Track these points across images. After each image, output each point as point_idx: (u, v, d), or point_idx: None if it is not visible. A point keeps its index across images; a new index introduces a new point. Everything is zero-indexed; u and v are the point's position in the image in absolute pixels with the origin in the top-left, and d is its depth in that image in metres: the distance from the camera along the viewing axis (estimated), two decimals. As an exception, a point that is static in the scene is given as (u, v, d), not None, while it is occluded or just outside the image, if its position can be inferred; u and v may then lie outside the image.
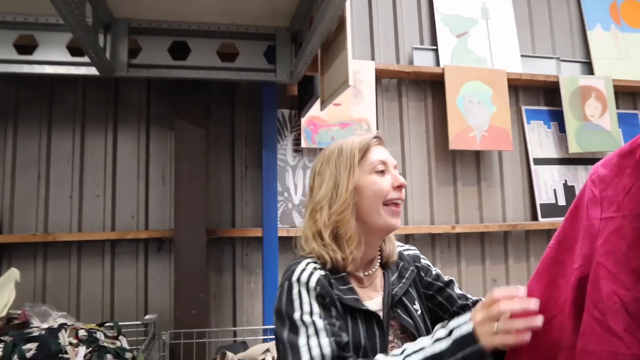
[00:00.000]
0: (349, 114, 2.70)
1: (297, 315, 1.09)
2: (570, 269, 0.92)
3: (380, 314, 1.20)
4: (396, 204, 1.23)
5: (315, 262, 1.19)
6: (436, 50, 3.03)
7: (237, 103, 2.73)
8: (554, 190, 3.13)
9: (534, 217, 3.10)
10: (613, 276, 0.83)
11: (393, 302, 1.24)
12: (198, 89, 2.37)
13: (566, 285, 0.92)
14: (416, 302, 1.30)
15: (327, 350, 1.04)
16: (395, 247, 1.35)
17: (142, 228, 2.57)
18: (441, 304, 1.34)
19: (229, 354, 1.81)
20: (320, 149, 2.70)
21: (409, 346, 1.03)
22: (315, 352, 1.04)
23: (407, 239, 2.86)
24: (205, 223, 2.35)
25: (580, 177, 3.20)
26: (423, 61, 2.99)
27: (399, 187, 1.23)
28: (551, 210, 3.09)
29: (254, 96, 2.70)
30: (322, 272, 1.16)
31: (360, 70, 2.75)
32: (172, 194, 2.56)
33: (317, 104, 2.25)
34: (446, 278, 1.39)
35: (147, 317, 2.19)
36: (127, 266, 2.53)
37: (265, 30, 2.28)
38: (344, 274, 1.20)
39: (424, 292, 1.36)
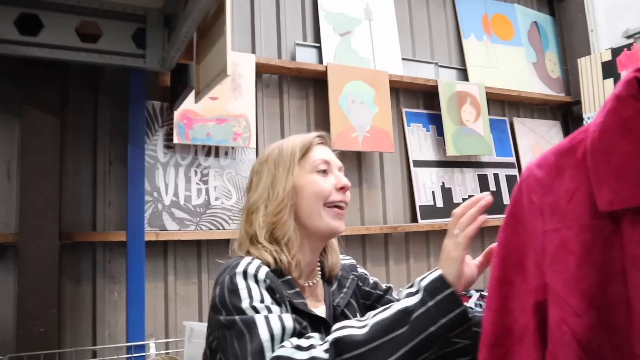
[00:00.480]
0: (226, 109, 2.53)
1: (245, 303, 0.96)
2: (522, 289, 0.77)
3: None
4: (339, 207, 1.16)
5: (258, 258, 1.08)
6: (319, 48, 2.95)
7: (102, 91, 2.44)
8: (432, 192, 3.20)
9: (414, 219, 3.14)
10: (562, 300, 0.69)
11: (336, 314, 1.16)
12: (53, 71, 2.07)
13: (522, 309, 0.76)
14: (357, 314, 1.22)
15: (289, 324, 0.94)
16: (339, 259, 1.27)
17: (-21, 232, 2.19)
18: None
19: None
20: (194, 146, 2.51)
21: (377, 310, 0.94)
22: (276, 325, 0.92)
23: (287, 241, 2.74)
24: (57, 226, 2.06)
25: (456, 179, 3.30)
26: (306, 58, 2.90)
27: (342, 189, 1.17)
28: (430, 211, 3.15)
29: (121, 85, 2.42)
30: (268, 269, 1.05)
31: (240, 63, 2.59)
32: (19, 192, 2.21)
33: (192, 96, 2.06)
34: (384, 285, 1.33)
35: (-18, 337, 1.86)
36: (-42, 277, 2.14)
37: (134, 11, 2.05)
38: (289, 277, 1.11)
39: (363, 303, 1.29)
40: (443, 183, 3.25)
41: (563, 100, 3.91)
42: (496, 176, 3.50)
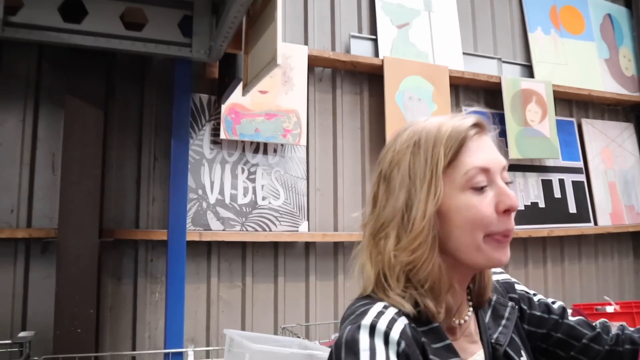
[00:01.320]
0: (276, 104, 2.39)
1: None
2: None
3: None
4: (505, 235, 0.83)
5: (393, 306, 0.80)
6: (375, 40, 2.78)
7: (148, 83, 2.35)
8: (492, 197, 2.97)
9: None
10: None
11: (497, 356, 0.88)
12: (97, 61, 1.99)
13: None
14: (522, 353, 0.92)
15: None
16: (490, 279, 0.95)
17: (23, 225, 2.13)
18: (561, 342, 0.98)
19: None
20: (242, 142, 2.38)
21: None
22: None
23: (336, 246, 2.58)
24: (98, 222, 1.97)
25: (518, 184, 3.06)
26: (361, 51, 2.73)
27: (506, 212, 0.82)
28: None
29: (168, 76, 2.32)
30: (406, 321, 0.78)
31: (292, 55, 2.45)
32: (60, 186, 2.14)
33: (240, 90, 1.93)
34: (556, 305, 1.02)
35: (21, 334, 1.80)
36: (1, 271, 2.09)
37: (181, -3, 1.93)
38: (436, 324, 0.81)
39: (532, 332, 0.99)
40: (504, 188, 3.01)
41: (638, 101, 3.59)
42: (562, 182, 3.24)
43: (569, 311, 1.03)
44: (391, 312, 0.78)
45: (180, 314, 2.05)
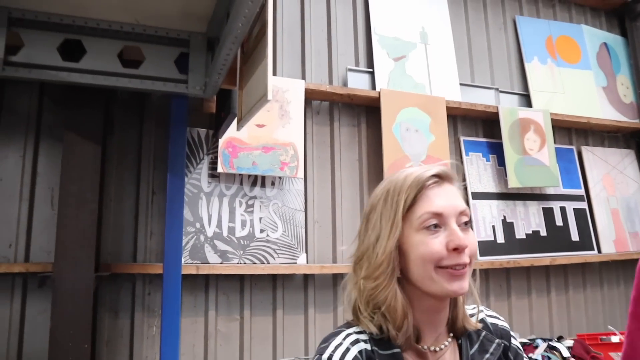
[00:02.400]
0: (273, 137, 2.41)
1: None
2: None
3: None
4: (455, 268, 0.95)
5: (358, 333, 0.97)
6: (372, 73, 2.81)
7: (147, 118, 2.39)
8: (493, 226, 2.95)
9: (471, 255, 2.89)
10: None
11: None
12: (95, 97, 2.02)
13: None
14: None
15: None
16: (463, 310, 1.06)
17: (21, 259, 2.14)
18: None
19: None
20: (240, 175, 2.40)
21: None
22: None
23: (335, 279, 2.57)
24: (94, 256, 1.97)
25: (518, 213, 3.05)
26: (358, 84, 2.76)
27: (455, 250, 0.94)
28: (490, 248, 2.90)
29: (166, 111, 2.36)
30: (365, 346, 0.94)
31: (289, 89, 2.48)
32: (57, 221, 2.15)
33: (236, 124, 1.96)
34: None
35: (16, 371, 1.78)
36: (-2, 306, 2.09)
37: (178, 35, 1.97)
38: (396, 350, 0.95)
39: None
40: (504, 217, 3.00)
41: (637, 127, 3.59)
42: (563, 210, 3.22)
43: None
44: (348, 341, 0.95)
45: (175, 347, 2.02)
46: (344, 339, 0.95)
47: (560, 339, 2.44)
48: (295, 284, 2.49)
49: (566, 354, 2.19)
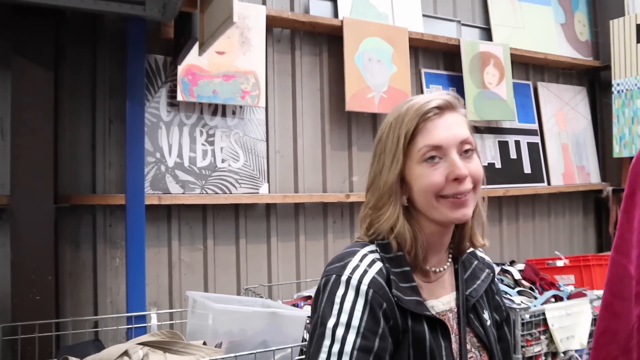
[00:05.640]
0: (234, 65, 2.35)
1: (330, 323, 0.94)
2: (628, 286, 0.68)
3: (445, 317, 1.05)
4: (457, 197, 0.99)
5: (374, 252, 1.03)
6: (335, 1, 2.74)
7: (100, 44, 2.27)
8: (450, 158, 3.02)
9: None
10: None
11: (467, 306, 1.08)
12: (45, 19, 1.90)
13: (626, 311, 0.66)
14: (485, 312, 1.13)
15: None
16: (470, 233, 1.11)
17: (-29, 193, 2.06)
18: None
19: (72, 360, 1.43)
20: (200, 104, 2.35)
21: None
22: None
23: (296, 207, 2.60)
24: (52, 187, 1.92)
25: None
26: (320, 11, 2.70)
27: (456, 180, 0.98)
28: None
29: (122, 36, 2.24)
30: (381, 265, 1.00)
31: (249, 16, 2.40)
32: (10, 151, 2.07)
33: (197, 50, 1.89)
34: (504, 312, 1.22)
35: (-24, 303, 1.75)
36: (-49, 240, 2.03)
37: (132, -49, 1.85)
38: (407, 268, 1.02)
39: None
40: (462, 149, 3.07)
41: (591, 65, 3.69)
42: (517, 143, 3.32)
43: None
44: (365, 263, 0.99)
45: (141, 278, 2.03)
46: (361, 260, 1.00)
47: (512, 263, 2.59)
48: (258, 213, 2.52)
49: (518, 276, 2.32)
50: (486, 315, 1.12)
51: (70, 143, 2.21)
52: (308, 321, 1.71)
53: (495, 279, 1.21)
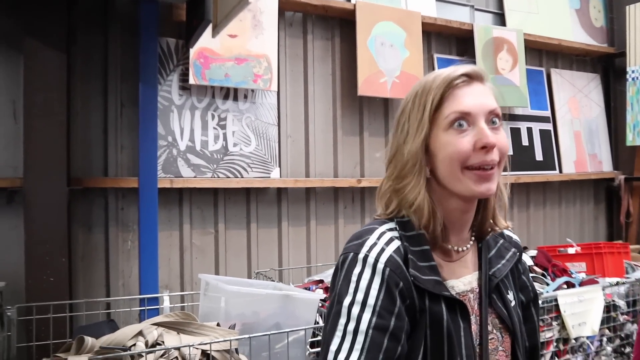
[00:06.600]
0: (246, 48, 2.34)
1: (347, 301, 0.93)
2: None
3: (466, 298, 1.02)
4: (483, 169, 0.95)
5: (392, 230, 1.00)
6: (347, -16, 2.72)
7: (111, 27, 2.26)
8: (462, 144, 3.01)
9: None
10: None
11: (490, 286, 1.04)
12: (56, 2, 1.89)
13: None
14: (510, 292, 1.09)
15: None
16: (493, 213, 1.07)
17: (-15, 175, 2.07)
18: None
19: (88, 340, 1.44)
20: (212, 87, 2.34)
21: None
22: (345, 345, 0.90)
23: (308, 192, 2.60)
24: (65, 169, 1.93)
25: (487, 133, 3.10)
26: (332, -5, 2.67)
27: (483, 149, 0.93)
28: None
29: (133, 19, 2.24)
30: (399, 243, 0.97)
31: (262, -2, 2.38)
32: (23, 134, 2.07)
33: (209, 33, 1.87)
34: (532, 293, 1.17)
35: (-9, 285, 1.77)
36: (-35, 222, 2.04)
37: None
38: (426, 247, 0.99)
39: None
40: (474, 135, 3.06)
41: (605, 52, 3.65)
42: (529, 130, 3.30)
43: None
44: (382, 241, 0.97)
45: (154, 260, 2.04)
46: (379, 238, 0.97)
47: (525, 249, 2.58)
48: (269, 198, 2.52)
49: (530, 262, 2.31)
50: (510, 296, 1.08)
51: (82, 126, 2.21)
52: (321, 304, 1.72)
53: (523, 259, 1.17)
